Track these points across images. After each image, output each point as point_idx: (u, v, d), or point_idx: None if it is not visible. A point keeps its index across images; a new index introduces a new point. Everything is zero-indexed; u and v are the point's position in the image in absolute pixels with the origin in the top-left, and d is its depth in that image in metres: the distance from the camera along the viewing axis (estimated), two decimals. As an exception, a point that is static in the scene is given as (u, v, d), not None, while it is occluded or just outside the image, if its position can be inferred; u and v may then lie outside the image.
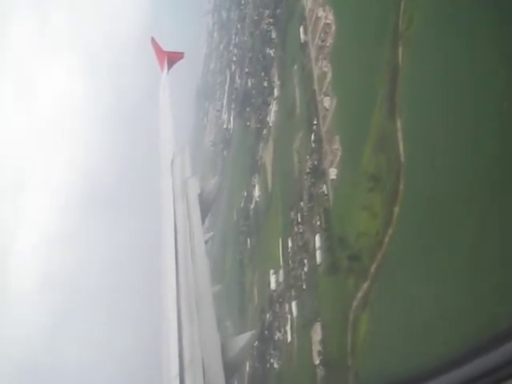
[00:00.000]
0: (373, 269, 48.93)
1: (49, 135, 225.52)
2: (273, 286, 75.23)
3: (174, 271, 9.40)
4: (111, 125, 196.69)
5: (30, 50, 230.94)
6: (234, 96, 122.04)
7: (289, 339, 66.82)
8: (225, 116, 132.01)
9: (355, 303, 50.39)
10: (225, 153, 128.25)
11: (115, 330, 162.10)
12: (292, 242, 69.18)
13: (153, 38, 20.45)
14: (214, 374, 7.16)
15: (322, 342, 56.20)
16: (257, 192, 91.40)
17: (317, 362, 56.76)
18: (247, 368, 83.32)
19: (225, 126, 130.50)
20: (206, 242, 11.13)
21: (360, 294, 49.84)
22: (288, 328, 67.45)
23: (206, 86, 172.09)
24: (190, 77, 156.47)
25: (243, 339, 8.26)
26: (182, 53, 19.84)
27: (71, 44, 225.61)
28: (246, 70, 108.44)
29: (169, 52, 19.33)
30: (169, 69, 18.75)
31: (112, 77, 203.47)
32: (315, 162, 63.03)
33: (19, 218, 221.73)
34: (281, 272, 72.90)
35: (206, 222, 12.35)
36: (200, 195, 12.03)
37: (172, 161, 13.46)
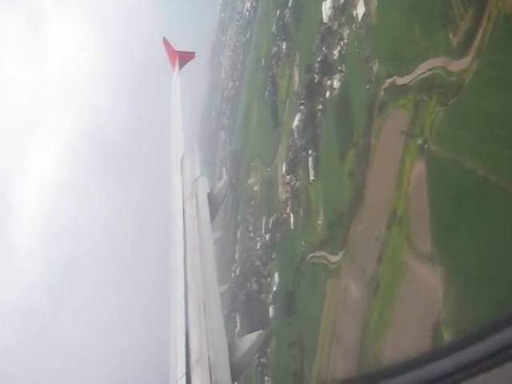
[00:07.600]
0: None
1: (62, 89, 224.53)
2: (326, 17, 69.12)
3: (183, 270, 9.49)
4: (126, 85, 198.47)
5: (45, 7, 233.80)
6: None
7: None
8: (247, 14, 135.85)
9: None
10: (248, 35, 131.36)
11: (117, 291, 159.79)
12: None
13: (164, 38, 20.29)
14: (221, 374, 7.25)
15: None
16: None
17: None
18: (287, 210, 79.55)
19: (247, 18, 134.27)
20: (214, 242, 11.16)
21: None
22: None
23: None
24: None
25: (250, 339, 8.20)
26: (194, 52, 19.94)
27: (86, 3, 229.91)
28: None
29: (180, 52, 19.37)
30: (180, 68, 18.65)
31: (127, 38, 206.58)
32: None
33: (25, 167, 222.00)
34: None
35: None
36: (209, 194, 12.06)
37: (181, 160, 13.47)
